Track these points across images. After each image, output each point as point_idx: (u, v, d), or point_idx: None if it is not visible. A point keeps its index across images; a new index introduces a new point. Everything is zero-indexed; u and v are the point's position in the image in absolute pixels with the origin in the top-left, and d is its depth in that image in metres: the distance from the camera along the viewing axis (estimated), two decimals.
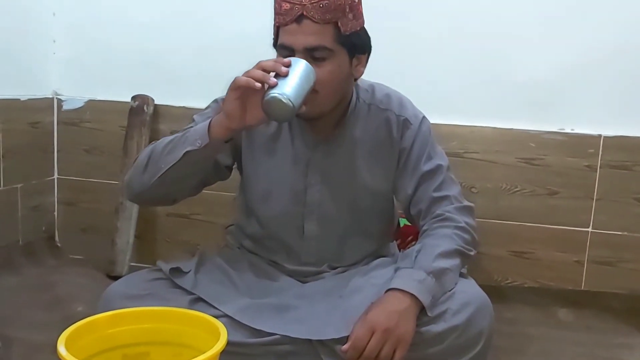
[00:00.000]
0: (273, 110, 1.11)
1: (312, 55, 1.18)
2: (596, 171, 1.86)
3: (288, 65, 1.12)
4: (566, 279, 1.91)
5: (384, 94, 1.36)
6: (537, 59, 1.86)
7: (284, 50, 1.20)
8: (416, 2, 1.89)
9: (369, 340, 1.11)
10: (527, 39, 1.86)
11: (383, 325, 1.11)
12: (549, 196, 1.89)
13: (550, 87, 1.87)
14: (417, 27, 1.89)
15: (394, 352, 1.12)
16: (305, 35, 1.17)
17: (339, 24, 1.19)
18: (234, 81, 1.12)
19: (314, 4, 1.16)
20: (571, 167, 1.87)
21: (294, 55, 1.18)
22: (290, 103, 1.09)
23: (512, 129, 1.89)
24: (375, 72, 1.34)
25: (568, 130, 1.87)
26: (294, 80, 1.11)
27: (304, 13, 1.16)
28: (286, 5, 1.17)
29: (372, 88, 1.36)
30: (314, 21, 1.17)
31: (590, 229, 1.88)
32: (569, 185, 1.88)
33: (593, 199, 1.87)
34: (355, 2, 1.22)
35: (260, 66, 1.12)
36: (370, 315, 1.14)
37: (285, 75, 1.11)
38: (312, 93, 1.17)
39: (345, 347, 1.13)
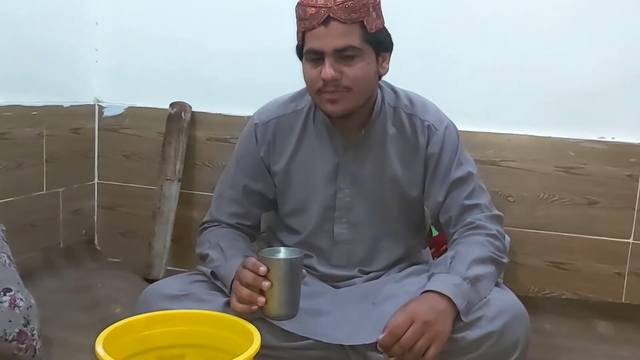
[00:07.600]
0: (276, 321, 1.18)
1: (341, 55, 1.19)
2: (637, 181, 1.81)
3: (266, 273, 1.12)
4: (606, 291, 1.86)
5: (407, 98, 1.36)
6: (576, 67, 1.83)
7: (313, 54, 1.21)
8: (453, 11, 1.88)
9: (407, 330, 1.10)
10: (567, 47, 1.83)
11: (423, 317, 1.10)
12: (588, 206, 1.85)
13: (590, 94, 1.83)
14: (454, 35, 1.88)
15: (428, 348, 1.10)
16: (333, 37, 1.18)
17: (365, 22, 1.19)
18: (231, 306, 1.17)
19: (340, 5, 1.17)
20: (611, 177, 1.83)
21: (323, 58, 1.19)
22: (286, 316, 1.14)
23: (550, 137, 1.86)
24: (411, 79, 1.34)
25: (608, 139, 1.83)
26: (280, 291, 1.11)
27: (331, 15, 1.17)
28: (311, 10, 1.18)
29: (394, 91, 1.37)
30: (341, 22, 1.17)
31: (631, 240, 1.83)
32: (609, 195, 1.84)
33: (634, 209, 1.82)
34: (377, 1, 1.23)
35: (244, 283, 1.14)
36: (411, 306, 1.13)
37: (269, 288, 1.11)
38: (346, 91, 1.20)
39: (382, 336, 1.11)
